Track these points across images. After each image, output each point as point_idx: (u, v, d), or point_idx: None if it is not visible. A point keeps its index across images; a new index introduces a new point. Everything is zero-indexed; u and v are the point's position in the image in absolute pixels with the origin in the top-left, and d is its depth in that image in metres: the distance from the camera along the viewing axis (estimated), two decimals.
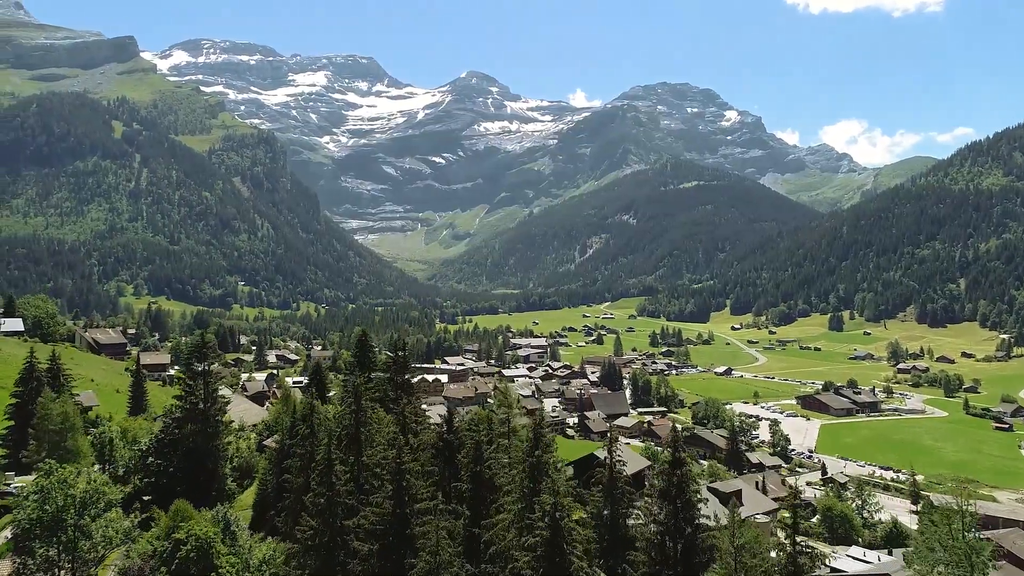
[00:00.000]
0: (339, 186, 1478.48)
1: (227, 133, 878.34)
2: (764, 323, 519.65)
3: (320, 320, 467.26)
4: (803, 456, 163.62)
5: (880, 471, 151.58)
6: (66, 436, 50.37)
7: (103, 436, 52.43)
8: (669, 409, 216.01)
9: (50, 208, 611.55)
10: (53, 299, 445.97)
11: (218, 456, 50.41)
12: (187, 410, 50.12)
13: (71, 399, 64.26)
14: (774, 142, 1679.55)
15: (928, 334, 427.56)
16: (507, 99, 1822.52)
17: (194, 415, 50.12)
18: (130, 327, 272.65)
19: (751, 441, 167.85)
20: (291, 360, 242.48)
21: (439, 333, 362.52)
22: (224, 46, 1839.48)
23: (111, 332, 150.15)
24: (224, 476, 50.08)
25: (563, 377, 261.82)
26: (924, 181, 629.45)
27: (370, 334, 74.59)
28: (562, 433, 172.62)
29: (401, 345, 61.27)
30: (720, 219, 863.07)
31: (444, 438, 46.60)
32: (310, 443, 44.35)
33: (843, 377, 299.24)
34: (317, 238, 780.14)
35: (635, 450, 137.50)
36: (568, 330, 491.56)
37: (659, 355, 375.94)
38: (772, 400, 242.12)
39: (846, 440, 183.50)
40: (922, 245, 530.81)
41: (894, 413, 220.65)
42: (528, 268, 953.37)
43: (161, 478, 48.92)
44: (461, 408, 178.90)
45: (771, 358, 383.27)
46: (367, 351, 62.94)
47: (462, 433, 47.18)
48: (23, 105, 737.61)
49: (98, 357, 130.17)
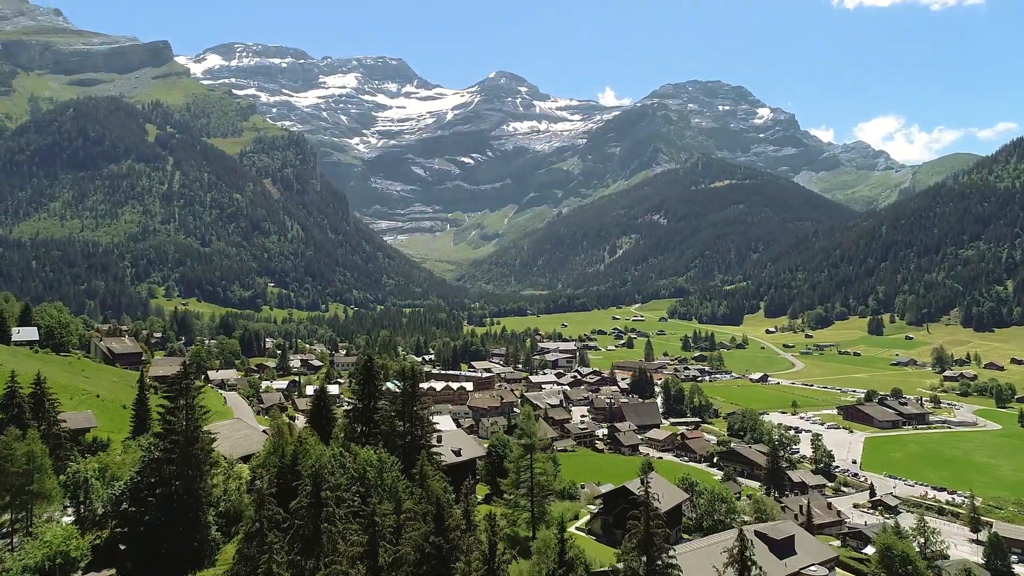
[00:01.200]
0: (369, 187, 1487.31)
1: (258, 135, 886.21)
2: (800, 326, 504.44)
3: (348, 322, 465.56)
4: (848, 474, 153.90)
5: (933, 492, 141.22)
6: (32, 479, 45.19)
7: (76, 476, 47.11)
8: (703, 419, 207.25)
9: (85, 211, 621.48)
10: (88, 300, 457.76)
11: (201, 501, 44.65)
12: (166, 450, 44.44)
13: (54, 427, 59.35)
14: (808, 140, 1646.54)
15: (974, 339, 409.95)
16: (536, 99, 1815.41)
17: (174, 456, 44.41)
18: (156, 330, 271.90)
19: (791, 456, 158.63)
20: (314, 366, 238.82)
21: (466, 336, 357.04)
22: (256, 49, 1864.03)
23: (127, 341, 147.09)
24: (208, 525, 44.39)
25: (592, 384, 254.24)
26: (967, 179, 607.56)
27: (375, 358, 68.23)
28: (591, 446, 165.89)
29: (410, 374, 55.20)
30: (753, 218, 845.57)
31: (432, 542, 38.04)
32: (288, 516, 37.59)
33: (885, 385, 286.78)
34: (346, 239, 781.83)
35: (668, 471, 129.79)
36: (597, 333, 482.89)
37: (691, 360, 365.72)
38: (812, 410, 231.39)
39: (893, 456, 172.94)
40: (966, 245, 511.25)
41: (943, 426, 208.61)
42: (557, 269, 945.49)
43: (137, 526, 43.44)
44: (486, 419, 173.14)
45: (808, 363, 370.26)
46: (372, 379, 56.79)
47: (455, 537, 38.74)
48: (60, 110, 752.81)
49: (112, 368, 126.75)
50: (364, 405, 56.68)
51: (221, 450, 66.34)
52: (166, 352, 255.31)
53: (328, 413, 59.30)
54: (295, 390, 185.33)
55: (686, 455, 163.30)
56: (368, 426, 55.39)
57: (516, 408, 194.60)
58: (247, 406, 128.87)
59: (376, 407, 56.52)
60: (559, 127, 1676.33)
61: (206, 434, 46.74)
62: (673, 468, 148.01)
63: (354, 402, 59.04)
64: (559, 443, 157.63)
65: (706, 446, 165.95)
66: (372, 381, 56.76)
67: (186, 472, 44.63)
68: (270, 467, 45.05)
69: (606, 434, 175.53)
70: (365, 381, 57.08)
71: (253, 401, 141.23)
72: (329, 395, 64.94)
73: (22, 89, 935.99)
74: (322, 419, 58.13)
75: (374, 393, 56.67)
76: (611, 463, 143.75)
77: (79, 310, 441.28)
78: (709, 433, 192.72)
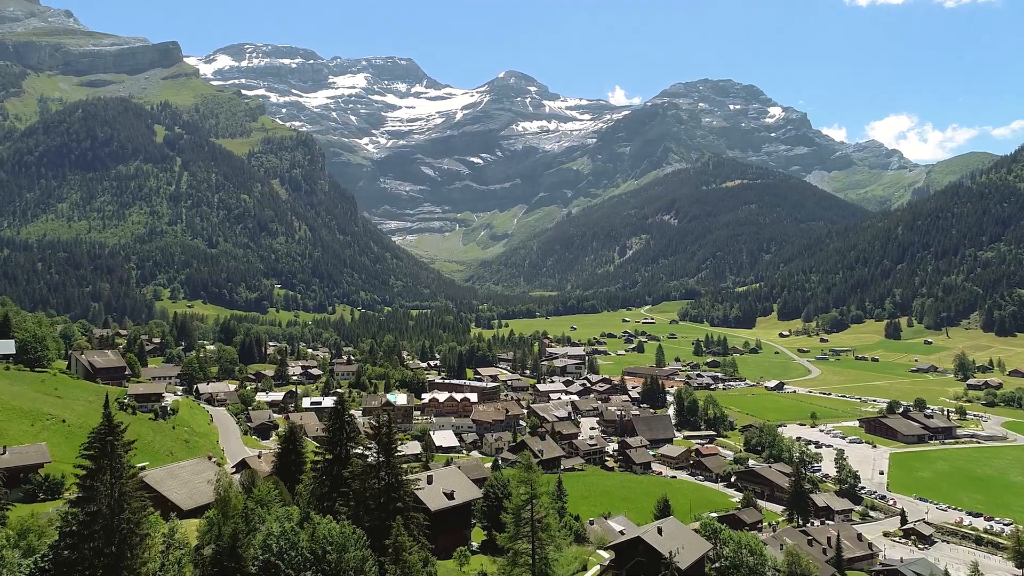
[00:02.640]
0: (378, 187, 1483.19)
1: (266, 136, 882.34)
2: (815, 330, 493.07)
3: (353, 325, 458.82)
4: (875, 496, 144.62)
5: (969, 518, 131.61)
6: None
7: None
8: (718, 432, 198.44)
9: (93, 212, 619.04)
10: (92, 303, 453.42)
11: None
12: (84, 523, 36.72)
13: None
14: (820, 139, 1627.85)
15: (995, 343, 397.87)
16: (545, 98, 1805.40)
17: (95, 529, 36.67)
18: (155, 336, 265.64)
19: (813, 476, 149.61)
20: (314, 376, 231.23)
21: (473, 341, 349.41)
22: (266, 50, 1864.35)
23: (110, 355, 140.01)
24: None
25: (602, 392, 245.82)
26: (986, 178, 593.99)
27: (347, 400, 59.39)
28: (601, 464, 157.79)
29: (386, 421, 47.20)
30: (765, 219, 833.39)
31: None
32: None
33: (906, 393, 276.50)
34: (354, 240, 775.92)
35: (683, 493, 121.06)
36: (607, 336, 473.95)
37: (704, 365, 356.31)
38: (831, 421, 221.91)
39: (921, 474, 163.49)
40: (985, 247, 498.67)
41: (971, 440, 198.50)
42: (566, 269, 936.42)
43: None
44: (490, 434, 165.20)
45: (825, 370, 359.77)
46: (343, 428, 48.76)
47: None
48: (69, 110, 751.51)
49: (92, 385, 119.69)
50: (334, 457, 48.83)
51: (176, 498, 58.94)
52: (164, 358, 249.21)
53: (299, 458, 51.70)
54: (291, 402, 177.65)
55: (701, 474, 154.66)
56: (337, 485, 47.50)
57: (522, 421, 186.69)
58: (235, 425, 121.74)
59: (348, 458, 48.60)
60: (569, 127, 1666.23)
61: (138, 496, 38.94)
62: (688, 490, 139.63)
63: (322, 453, 51.01)
64: (567, 461, 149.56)
65: (722, 464, 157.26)
66: (343, 430, 48.75)
67: (109, 549, 36.84)
68: (213, 537, 37.34)
69: (616, 450, 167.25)
70: (335, 430, 49.07)
71: (242, 418, 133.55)
72: (299, 436, 57.05)
73: (32, 90, 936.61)
74: (290, 466, 50.47)
75: (346, 443, 48.77)
76: (622, 485, 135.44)
77: (83, 313, 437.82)
78: (724, 448, 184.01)
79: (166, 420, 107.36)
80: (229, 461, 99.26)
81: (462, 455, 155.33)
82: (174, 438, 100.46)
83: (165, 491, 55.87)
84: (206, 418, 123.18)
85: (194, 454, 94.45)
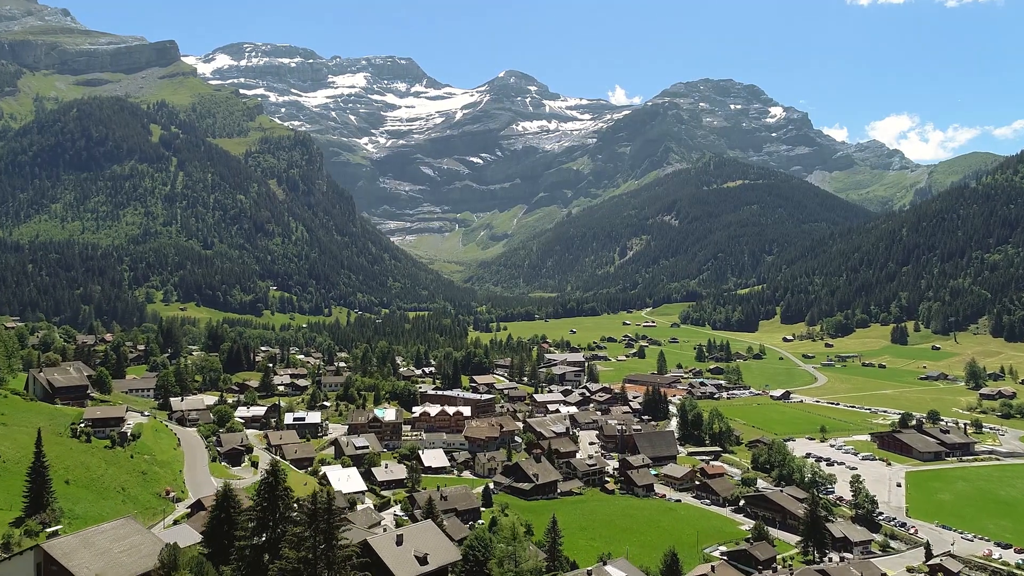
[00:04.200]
0: (377, 187, 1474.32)
1: (264, 136, 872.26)
2: (819, 334, 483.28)
3: (348, 329, 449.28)
4: (894, 523, 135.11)
5: (998, 550, 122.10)
6: None
7: None
8: (724, 448, 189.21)
9: (87, 212, 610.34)
10: (83, 306, 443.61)
11: None
12: None
13: None
14: (821, 139, 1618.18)
15: (1006, 349, 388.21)
16: (545, 98, 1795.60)
17: None
18: (139, 343, 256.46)
19: (827, 499, 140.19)
20: (301, 387, 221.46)
21: (470, 347, 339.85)
22: (265, 49, 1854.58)
23: (71, 371, 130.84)
24: None
25: (602, 403, 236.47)
26: (991, 179, 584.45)
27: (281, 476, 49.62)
28: (601, 486, 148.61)
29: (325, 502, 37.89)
30: (766, 219, 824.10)
31: None
32: None
33: (917, 403, 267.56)
34: (352, 241, 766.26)
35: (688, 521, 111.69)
36: (607, 340, 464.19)
37: (707, 372, 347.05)
38: (841, 435, 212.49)
39: (941, 496, 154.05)
40: (992, 249, 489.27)
41: (990, 456, 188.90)
42: (566, 270, 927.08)
43: None
44: (483, 454, 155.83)
45: (831, 377, 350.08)
46: (276, 504, 39.62)
47: None
48: (64, 110, 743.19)
49: (46, 406, 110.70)
50: (265, 542, 39.72)
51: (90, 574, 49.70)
52: (148, 367, 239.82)
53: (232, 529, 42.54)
54: (274, 417, 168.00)
55: (707, 497, 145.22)
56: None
57: (518, 436, 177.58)
58: (203, 450, 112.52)
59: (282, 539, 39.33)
60: (569, 126, 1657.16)
61: None
62: (694, 517, 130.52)
63: (247, 537, 41.63)
64: (564, 485, 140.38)
65: (729, 486, 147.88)
66: (275, 507, 39.42)
67: None
68: None
69: (617, 469, 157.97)
70: (266, 508, 39.65)
71: (211, 442, 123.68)
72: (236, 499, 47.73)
73: (27, 89, 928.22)
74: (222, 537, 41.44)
75: (279, 524, 39.67)
76: (623, 513, 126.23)
77: (73, 316, 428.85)
78: (731, 465, 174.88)
79: (124, 448, 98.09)
80: (190, 495, 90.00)
81: (452, 476, 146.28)
82: (130, 469, 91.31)
83: (74, 566, 46.58)
84: (172, 442, 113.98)
85: (149, 489, 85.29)
